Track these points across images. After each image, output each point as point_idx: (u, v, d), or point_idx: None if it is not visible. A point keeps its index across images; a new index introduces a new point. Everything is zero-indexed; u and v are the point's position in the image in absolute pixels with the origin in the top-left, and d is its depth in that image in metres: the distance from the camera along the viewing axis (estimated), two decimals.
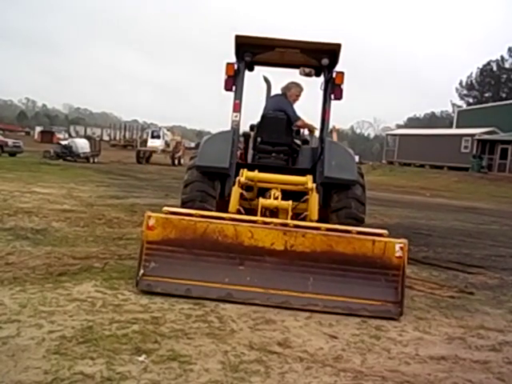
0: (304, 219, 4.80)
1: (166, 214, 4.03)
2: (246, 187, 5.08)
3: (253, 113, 6.09)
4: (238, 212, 4.71)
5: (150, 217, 3.89)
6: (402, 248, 3.82)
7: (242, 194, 4.91)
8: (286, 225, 4.02)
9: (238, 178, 4.90)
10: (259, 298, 3.78)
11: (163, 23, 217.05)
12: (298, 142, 5.94)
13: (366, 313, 3.76)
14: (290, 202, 4.67)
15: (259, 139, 5.64)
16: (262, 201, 4.72)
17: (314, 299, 3.79)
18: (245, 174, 4.96)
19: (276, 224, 4.03)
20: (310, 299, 3.79)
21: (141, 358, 2.68)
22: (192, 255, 3.89)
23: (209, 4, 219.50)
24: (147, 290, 3.81)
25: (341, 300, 3.79)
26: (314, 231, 3.92)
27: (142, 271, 3.85)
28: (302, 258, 3.87)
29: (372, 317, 3.73)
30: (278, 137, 5.52)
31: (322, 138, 5.51)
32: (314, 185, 4.93)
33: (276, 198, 4.78)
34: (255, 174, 5.04)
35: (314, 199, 4.85)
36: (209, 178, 5.15)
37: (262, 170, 5.15)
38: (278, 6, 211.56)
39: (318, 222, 4.61)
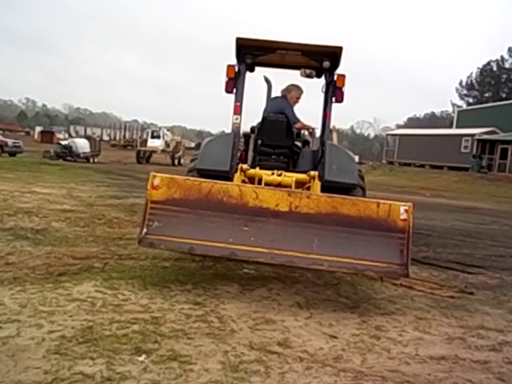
0: None
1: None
2: None
3: (253, 113, 6.09)
4: None
5: (155, 176, 3.89)
6: (406, 211, 3.81)
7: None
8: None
9: (240, 166, 4.93)
10: (263, 257, 3.78)
11: (163, 23, 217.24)
12: (299, 144, 5.95)
13: (371, 273, 3.77)
14: (294, 178, 4.68)
15: (260, 142, 5.64)
16: (265, 177, 4.71)
17: (319, 259, 3.76)
18: (244, 168, 5.02)
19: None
20: (314, 259, 3.76)
21: (141, 358, 2.69)
22: (196, 215, 3.88)
23: (208, 4, 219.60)
24: (150, 247, 3.80)
25: (346, 261, 3.76)
26: (319, 193, 3.89)
27: (145, 230, 3.83)
28: (307, 220, 3.85)
29: (378, 276, 3.72)
30: (278, 139, 5.52)
31: (322, 141, 5.51)
32: (316, 172, 4.99)
33: (279, 175, 4.78)
34: (256, 170, 5.07)
35: (317, 187, 4.91)
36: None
37: None
38: (278, 10, 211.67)
39: None
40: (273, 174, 4.90)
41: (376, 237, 3.80)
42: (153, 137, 31.69)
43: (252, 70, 5.88)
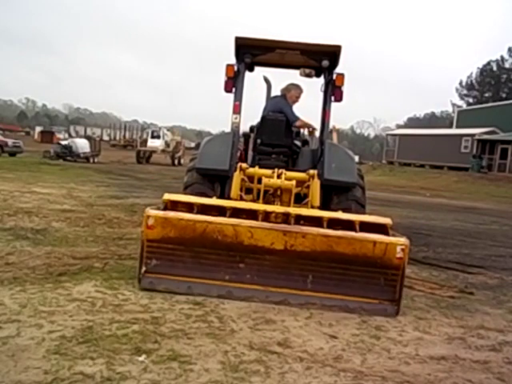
0: (306, 205, 4.87)
1: (166, 202, 4.10)
2: (246, 190, 5.09)
3: (253, 113, 6.09)
4: (240, 199, 4.79)
5: (149, 216, 3.89)
6: (403, 250, 3.81)
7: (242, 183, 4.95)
8: (287, 215, 4.01)
9: (239, 164, 4.93)
10: (258, 296, 3.83)
11: (163, 23, 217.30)
12: (298, 143, 5.95)
13: (362, 311, 3.79)
14: (294, 182, 4.68)
15: (259, 141, 5.64)
16: (265, 180, 4.72)
17: (312, 297, 3.83)
18: (244, 167, 5.01)
19: (277, 215, 4.03)
20: (308, 297, 3.83)
21: (141, 358, 2.68)
22: (192, 253, 3.90)
23: (208, 4, 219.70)
24: (150, 288, 3.82)
25: (339, 298, 3.82)
26: (315, 231, 3.90)
27: (144, 268, 3.87)
28: (302, 257, 3.87)
29: (368, 315, 3.75)
30: (277, 138, 5.52)
31: (322, 140, 5.52)
32: (316, 171, 4.98)
33: (279, 175, 4.79)
34: (255, 169, 5.06)
35: (316, 185, 4.91)
36: (209, 179, 5.17)
37: None
38: (278, 10, 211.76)
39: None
40: (273, 172, 4.89)
41: (369, 273, 3.84)
42: (153, 137, 31.71)
43: (251, 70, 5.89)
